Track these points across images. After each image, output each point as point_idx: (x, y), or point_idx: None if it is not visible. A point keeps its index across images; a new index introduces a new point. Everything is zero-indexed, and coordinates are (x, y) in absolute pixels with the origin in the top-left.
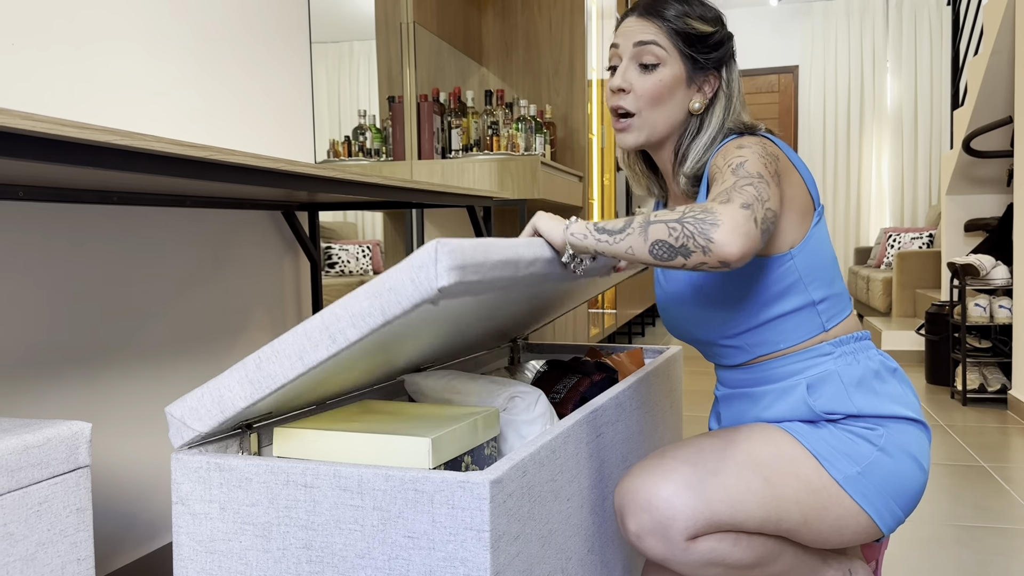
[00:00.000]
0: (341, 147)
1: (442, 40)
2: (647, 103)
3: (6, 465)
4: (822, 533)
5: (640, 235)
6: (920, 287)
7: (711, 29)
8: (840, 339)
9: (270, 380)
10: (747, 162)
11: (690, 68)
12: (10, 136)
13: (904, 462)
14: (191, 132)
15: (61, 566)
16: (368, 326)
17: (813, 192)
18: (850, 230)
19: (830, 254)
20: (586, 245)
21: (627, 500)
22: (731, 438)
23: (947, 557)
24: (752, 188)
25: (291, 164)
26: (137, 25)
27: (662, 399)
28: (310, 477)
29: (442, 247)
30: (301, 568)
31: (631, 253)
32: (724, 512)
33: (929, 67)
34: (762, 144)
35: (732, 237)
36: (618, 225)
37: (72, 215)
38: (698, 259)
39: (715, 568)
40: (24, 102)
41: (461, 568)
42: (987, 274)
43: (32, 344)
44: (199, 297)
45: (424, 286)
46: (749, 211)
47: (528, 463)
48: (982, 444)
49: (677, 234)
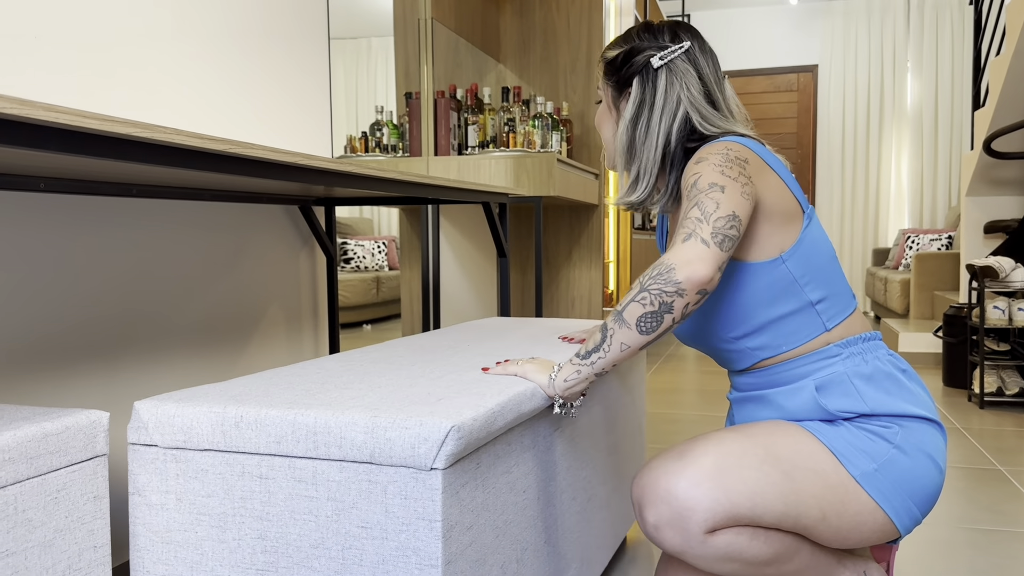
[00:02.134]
0: (358, 143)
1: (460, 36)
2: (598, 129)
3: (25, 452)
4: (840, 530)
5: (622, 328)
6: (938, 289)
7: (614, 52)
8: (848, 340)
9: None
10: (700, 178)
11: (612, 93)
12: (33, 128)
13: (920, 461)
14: (211, 126)
15: (78, 553)
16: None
17: (797, 195)
18: (868, 231)
19: (827, 254)
20: (583, 378)
21: (646, 491)
22: (750, 432)
23: (961, 561)
24: (696, 210)
25: (309, 158)
26: (159, 21)
27: (623, 394)
28: (265, 468)
29: (455, 433)
30: (256, 558)
31: (626, 348)
32: (744, 505)
33: (950, 67)
34: (724, 151)
35: (691, 269)
36: (597, 337)
37: (92, 207)
38: (680, 304)
39: (731, 563)
40: (47, 94)
41: (413, 557)
42: (1006, 276)
43: (51, 334)
44: (216, 290)
45: (419, 460)
46: (692, 239)
47: (483, 455)
48: (999, 447)
49: (649, 300)
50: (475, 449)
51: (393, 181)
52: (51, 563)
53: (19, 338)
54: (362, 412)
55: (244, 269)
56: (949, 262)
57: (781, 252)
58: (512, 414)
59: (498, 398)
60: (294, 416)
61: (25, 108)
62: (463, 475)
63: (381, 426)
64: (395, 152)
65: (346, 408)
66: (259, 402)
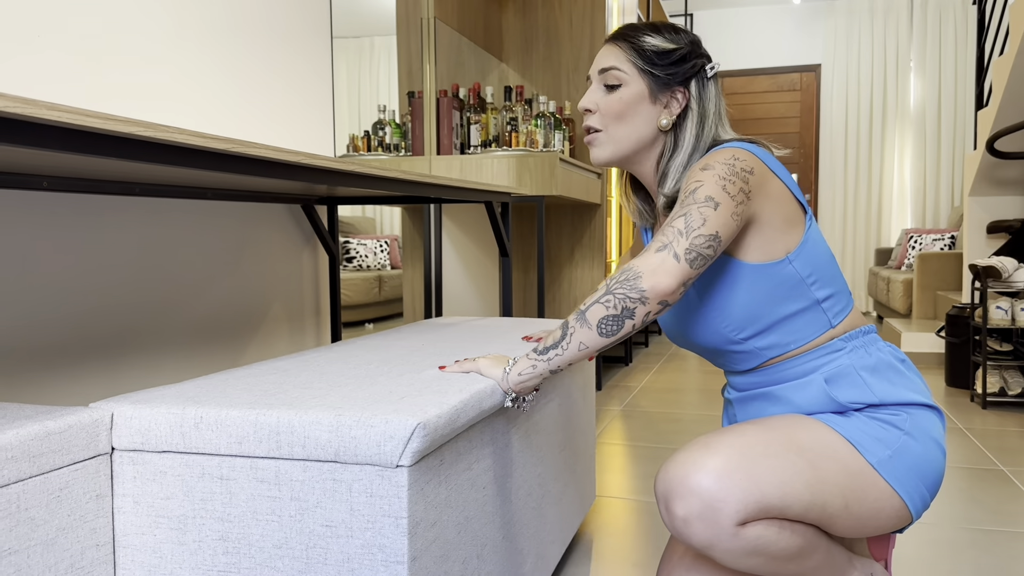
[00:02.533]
0: (360, 142)
1: (462, 36)
2: (611, 119)
3: (28, 451)
4: (861, 518)
5: (583, 327)
6: (941, 289)
7: (671, 46)
8: (849, 334)
9: None
10: (701, 187)
11: (652, 85)
12: (35, 126)
13: (928, 445)
14: (213, 125)
15: (81, 551)
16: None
17: (799, 197)
18: (871, 231)
19: (827, 252)
20: (538, 374)
21: (674, 484)
22: (771, 424)
23: (965, 561)
24: (682, 220)
25: (312, 157)
26: (161, 19)
27: (575, 392)
28: (226, 469)
29: (420, 430)
30: (217, 560)
31: (584, 349)
32: (774, 495)
33: (953, 67)
34: (731, 161)
35: (656, 279)
36: (557, 335)
37: (95, 206)
38: (642, 312)
39: (757, 558)
40: (49, 93)
41: (379, 554)
42: (1009, 276)
43: (54, 332)
44: (218, 288)
45: (385, 458)
46: (665, 251)
47: (446, 452)
48: (1001, 448)
49: (613, 304)
50: (439, 446)
51: (396, 180)
52: (54, 561)
53: (21, 336)
54: (325, 411)
55: (247, 268)
56: (952, 262)
57: (787, 253)
58: (474, 411)
59: (460, 395)
60: (256, 416)
61: (28, 107)
62: (427, 472)
63: (346, 424)
64: (397, 151)
65: (309, 407)
66: (219, 403)
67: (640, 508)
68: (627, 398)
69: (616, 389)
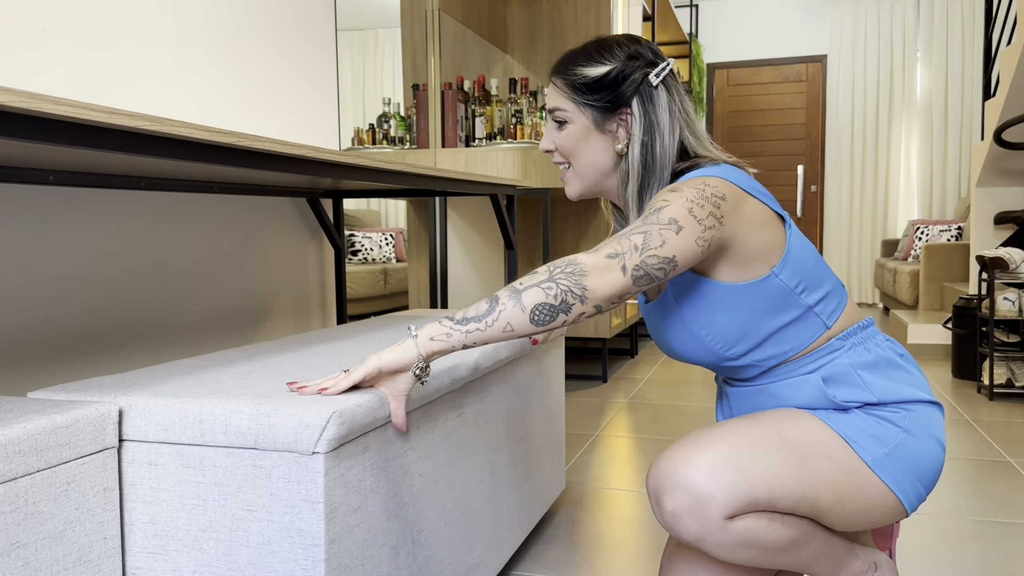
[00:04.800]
0: (365, 135)
1: (467, 28)
2: (569, 155)
3: (35, 445)
4: (854, 513)
5: (515, 306)
6: (948, 280)
7: (601, 71)
8: (847, 331)
9: None
10: (666, 208)
11: (595, 115)
12: (41, 121)
13: (927, 442)
14: (218, 119)
15: (88, 544)
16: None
17: (776, 209)
18: (877, 222)
19: (812, 255)
20: (452, 343)
21: (663, 480)
22: (763, 419)
23: (972, 552)
24: (640, 237)
25: (317, 151)
26: (166, 12)
27: (537, 382)
28: (154, 455)
29: (336, 419)
30: (148, 542)
31: (510, 330)
32: (762, 489)
33: (960, 57)
34: (701, 186)
35: (599, 282)
36: (483, 307)
37: (101, 200)
38: (578, 310)
39: (749, 550)
40: (55, 87)
41: (297, 538)
42: (1016, 267)
43: (60, 326)
44: (224, 282)
45: (302, 445)
46: (616, 260)
47: (372, 440)
48: (1009, 439)
49: (555, 292)
50: (362, 433)
51: (400, 173)
52: (61, 554)
53: (28, 330)
54: (248, 400)
55: (252, 261)
56: (959, 253)
57: (772, 268)
58: None
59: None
60: (181, 405)
61: (33, 101)
62: (348, 459)
63: (265, 413)
64: (402, 144)
65: (233, 396)
66: (148, 392)
67: (641, 499)
68: (633, 390)
69: (622, 381)
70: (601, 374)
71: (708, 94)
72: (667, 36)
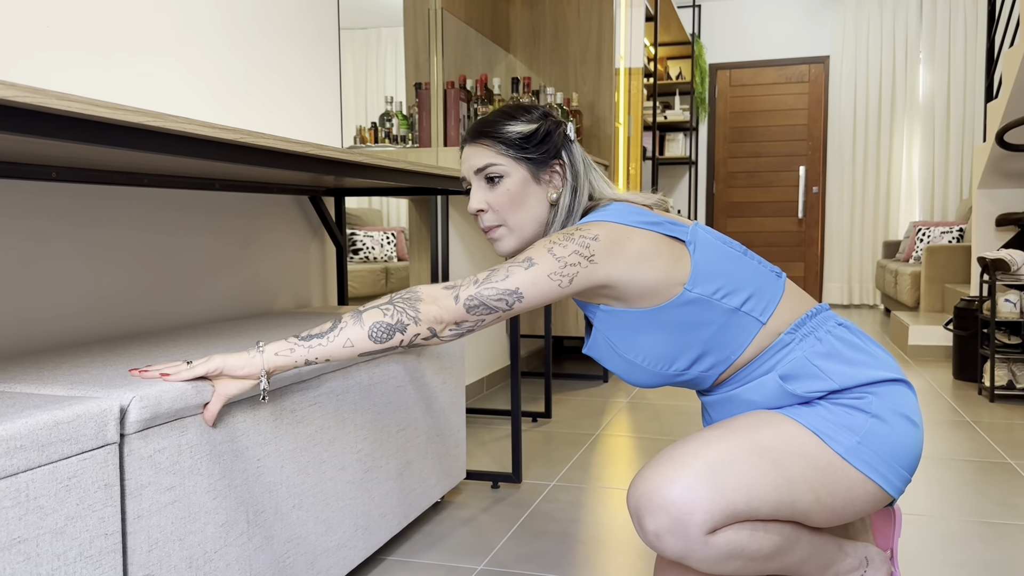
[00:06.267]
0: (367, 133)
1: (469, 27)
2: (506, 211)
3: (36, 440)
4: (836, 509)
5: (355, 324)
6: (949, 282)
7: (532, 127)
8: (796, 323)
9: None
10: (526, 251)
11: (531, 167)
12: (46, 116)
13: (898, 424)
14: (221, 116)
15: (89, 540)
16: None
17: (673, 232)
18: (879, 223)
19: (727, 258)
20: (295, 359)
21: (643, 501)
22: (734, 427)
23: (972, 553)
24: (486, 273)
25: (319, 148)
26: (170, 10)
27: (427, 375)
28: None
29: (137, 403)
30: None
31: (350, 346)
32: (739, 500)
33: (963, 59)
34: (571, 231)
35: (432, 307)
36: (326, 326)
37: (103, 196)
38: (412, 331)
39: (735, 561)
40: (59, 83)
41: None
42: (1018, 269)
43: (61, 322)
44: (226, 280)
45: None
46: (451, 290)
47: (191, 424)
48: (1009, 441)
49: (391, 312)
50: (178, 418)
51: (403, 171)
52: (63, 550)
53: (28, 325)
54: (62, 386)
55: (254, 259)
56: (960, 255)
57: (683, 285)
58: None
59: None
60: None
61: (38, 96)
62: (160, 441)
63: (69, 397)
64: (404, 143)
65: (50, 383)
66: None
67: None
68: (633, 391)
69: (623, 382)
70: (602, 374)
71: (710, 95)
72: (670, 36)
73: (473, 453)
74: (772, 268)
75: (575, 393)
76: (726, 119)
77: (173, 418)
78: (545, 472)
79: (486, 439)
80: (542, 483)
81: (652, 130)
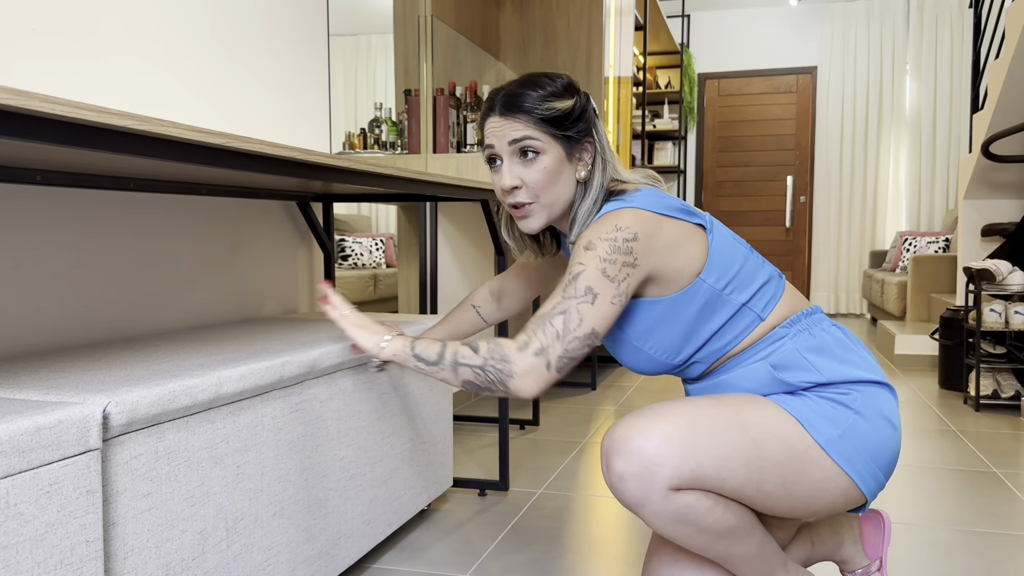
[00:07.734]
0: (356, 139)
1: (459, 34)
2: (541, 190)
3: (17, 446)
4: (800, 497)
5: (451, 373)
6: (935, 291)
7: (570, 103)
8: (791, 319)
9: None
10: (583, 273)
11: (566, 145)
12: (30, 119)
13: (879, 424)
14: (209, 121)
15: (70, 547)
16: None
17: (694, 220)
18: (866, 233)
19: (739, 255)
20: (402, 363)
21: (616, 444)
22: (723, 400)
23: (958, 563)
24: (560, 319)
25: (308, 153)
26: (157, 16)
27: (414, 386)
28: None
29: (113, 407)
30: None
31: (446, 382)
32: (710, 467)
33: (949, 70)
34: (613, 235)
35: (523, 384)
36: (432, 356)
37: (89, 200)
38: (500, 393)
39: (685, 527)
40: (44, 86)
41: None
42: (1003, 279)
43: (46, 328)
44: (212, 285)
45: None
46: (542, 357)
47: (169, 430)
48: (995, 450)
49: (481, 379)
50: (157, 423)
51: (391, 178)
52: (43, 557)
53: (12, 331)
54: (38, 391)
55: (241, 265)
56: (946, 265)
57: (698, 275)
58: (206, 395)
59: (183, 382)
60: None
61: (22, 99)
62: (137, 447)
63: (51, 402)
64: (394, 149)
65: (27, 387)
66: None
67: None
68: (621, 398)
69: (611, 389)
70: (590, 381)
71: (699, 104)
72: (659, 46)
73: (460, 460)
74: (775, 268)
75: (562, 401)
76: (714, 128)
77: (150, 423)
78: (532, 480)
79: (473, 446)
80: (529, 491)
81: (641, 139)
